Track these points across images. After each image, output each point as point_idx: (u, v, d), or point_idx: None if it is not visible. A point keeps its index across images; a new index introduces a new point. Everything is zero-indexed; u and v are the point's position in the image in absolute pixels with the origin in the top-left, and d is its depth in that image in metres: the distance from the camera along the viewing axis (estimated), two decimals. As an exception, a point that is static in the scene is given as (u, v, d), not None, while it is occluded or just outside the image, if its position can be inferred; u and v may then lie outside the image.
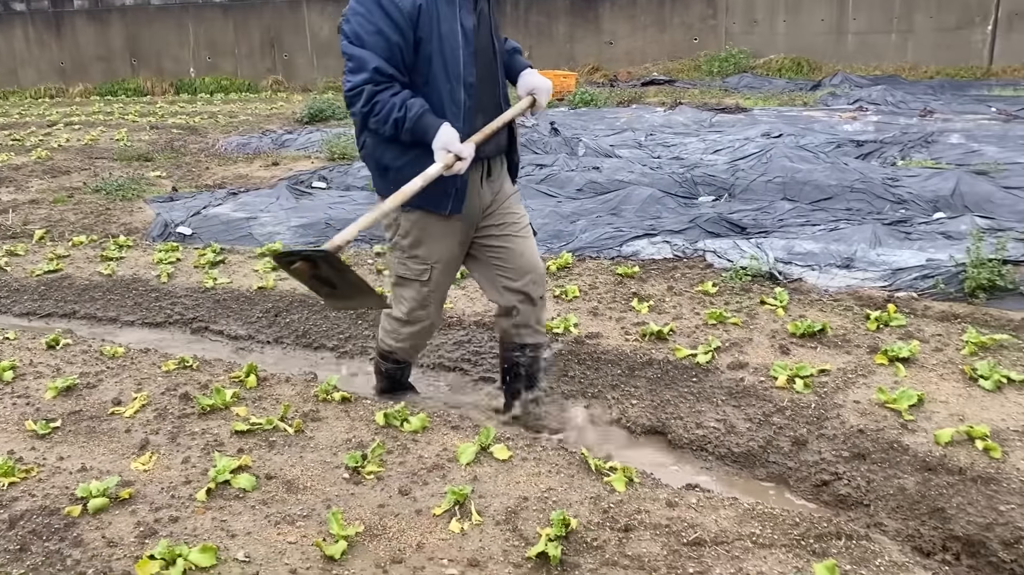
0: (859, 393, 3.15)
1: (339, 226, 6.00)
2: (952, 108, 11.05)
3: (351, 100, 2.85)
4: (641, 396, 3.59)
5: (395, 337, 3.30)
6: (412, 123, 2.78)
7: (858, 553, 2.25)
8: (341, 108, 12.88)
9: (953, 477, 2.69)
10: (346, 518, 2.45)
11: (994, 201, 5.95)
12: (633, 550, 2.29)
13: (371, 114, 2.82)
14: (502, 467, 2.73)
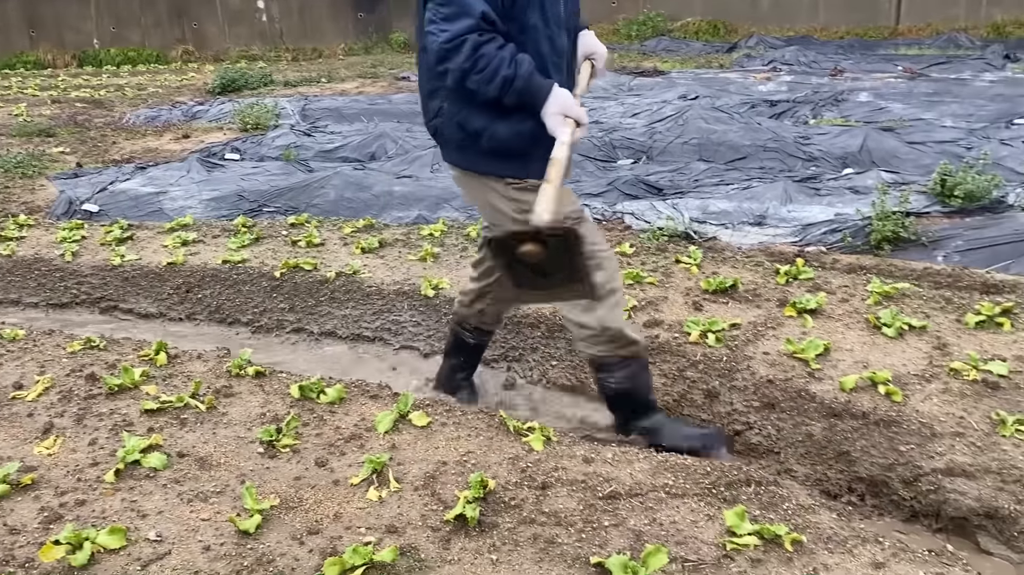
0: (768, 345, 3.24)
1: (253, 198, 5.88)
2: (861, 67, 11.36)
3: (447, 53, 2.41)
4: (561, 357, 3.62)
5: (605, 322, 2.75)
6: (524, 82, 2.41)
7: (767, 498, 2.32)
8: (254, 77, 12.53)
9: (857, 422, 2.80)
10: (261, 492, 2.41)
11: (899, 156, 6.15)
12: (550, 507, 2.31)
13: (473, 70, 2.41)
14: (421, 434, 2.72)
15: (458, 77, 2.45)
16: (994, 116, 7.53)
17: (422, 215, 5.46)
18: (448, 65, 2.43)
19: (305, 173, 6.52)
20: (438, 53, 2.43)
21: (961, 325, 3.33)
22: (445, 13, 2.40)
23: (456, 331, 3.25)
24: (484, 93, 2.45)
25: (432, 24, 2.43)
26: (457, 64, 2.41)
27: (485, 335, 3.26)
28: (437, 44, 2.42)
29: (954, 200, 4.74)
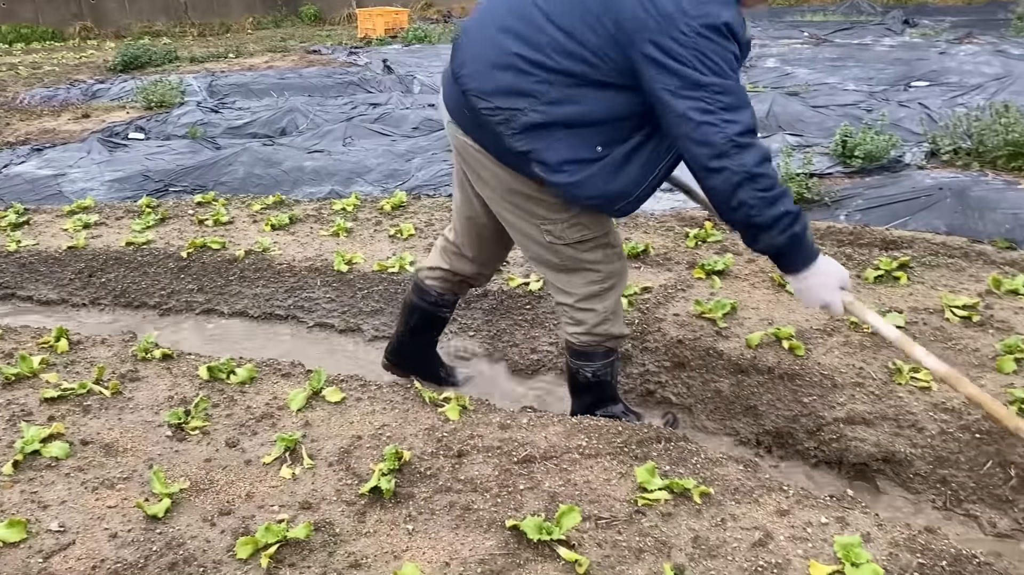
0: (679, 306, 3.31)
1: (158, 178, 5.69)
2: (769, 34, 11.61)
3: (734, 150, 2.06)
4: (478, 327, 3.63)
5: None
6: (801, 228, 2.13)
7: (676, 454, 2.38)
8: (159, 54, 12.08)
9: (763, 376, 2.89)
10: (170, 476, 2.35)
11: (804, 120, 6.32)
12: (466, 474, 2.32)
13: (754, 182, 2.06)
14: (335, 410, 2.69)
15: (732, 183, 2.08)
16: (893, 79, 7.80)
17: (335, 190, 5.38)
18: (728, 163, 2.06)
19: (213, 151, 6.34)
20: (720, 147, 2.06)
21: (861, 280, 3.45)
22: (726, 103, 2.07)
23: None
24: (744, 211, 2.11)
25: (708, 114, 2.06)
26: (743, 165, 2.05)
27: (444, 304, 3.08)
28: (725, 137, 2.05)
29: (855, 161, 4.90)
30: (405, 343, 3.13)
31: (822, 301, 2.27)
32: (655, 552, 2.01)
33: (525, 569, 1.98)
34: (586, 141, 2.28)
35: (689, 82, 2.07)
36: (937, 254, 3.78)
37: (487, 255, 2.89)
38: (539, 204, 2.45)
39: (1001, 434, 2.51)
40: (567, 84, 2.24)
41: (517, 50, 2.28)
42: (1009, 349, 2.83)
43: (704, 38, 2.07)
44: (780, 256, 2.22)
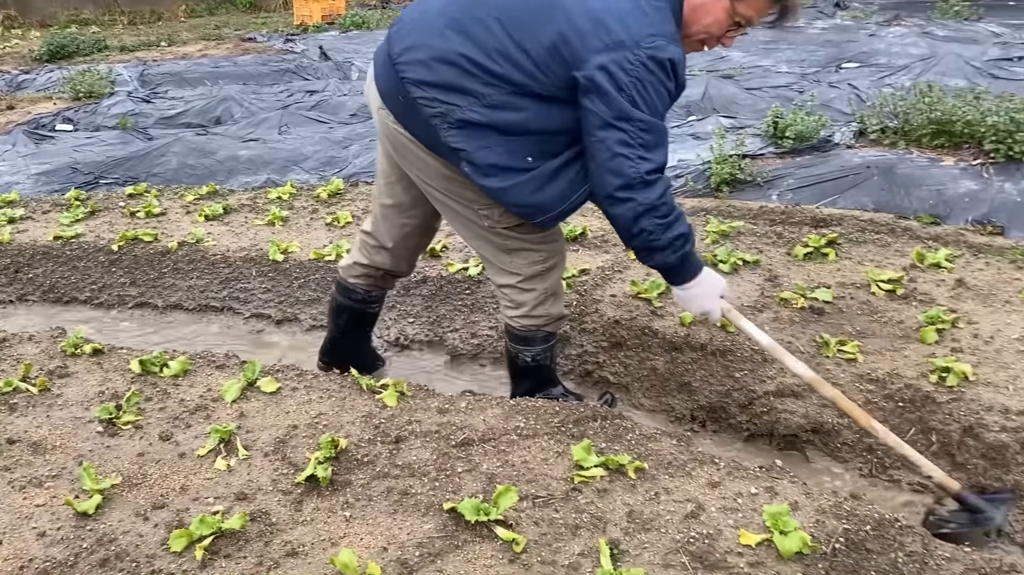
0: (616, 287, 3.35)
1: (88, 170, 5.55)
2: (705, 18, 11.71)
3: (641, 185, 2.20)
4: (418, 314, 3.62)
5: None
6: (691, 246, 2.34)
7: (612, 431, 2.42)
8: (87, 43, 11.71)
9: (696, 353, 2.94)
10: (101, 472, 2.31)
11: (738, 102, 6.42)
12: (404, 459, 2.33)
13: (655, 212, 2.22)
14: (271, 400, 2.66)
15: (637, 212, 2.23)
16: (824, 61, 7.96)
17: (271, 179, 5.30)
18: (634, 195, 2.21)
19: (145, 141, 6.19)
20: (630, 180, 2.19)
21: (791, 258, 3.54)
22: (646, 140, 2.19)
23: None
24: (643, 237, 2.27)
25: (627, 147, 2.18)
26: (647, 200, 2.21)
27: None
28: (637, 173, 2.19)
29: (786, 141, 4.99)
30: (338, 343, 3.09)
31: (703, 308, 2.45)
32: (591, 528, 2.04)
33: (463, 550, 1.99)
34: (518, 150, 2.31)
35: (620, 113, 2.16)
36: (864, 230, 3.89)
37: (408, 246, 2.87)
38: (473, 190, 2.45)
39: (923, 402, 2.60)
40: (509, 91, 2.26)
41: (464, 50, 2.28)
42: (931, 320, 2.93)
43: (648, 70, 2.15)
44: (670, 271, 2.39)
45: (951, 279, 3.27)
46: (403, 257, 2.89)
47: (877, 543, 1.97)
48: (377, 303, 3.03)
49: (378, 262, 2.87)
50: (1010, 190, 4.16)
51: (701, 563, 1.92)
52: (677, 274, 2.39)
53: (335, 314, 3.04)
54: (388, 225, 2.80)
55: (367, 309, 3.02)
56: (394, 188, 2.72)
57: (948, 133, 4.70)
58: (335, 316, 3.04)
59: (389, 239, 2.82)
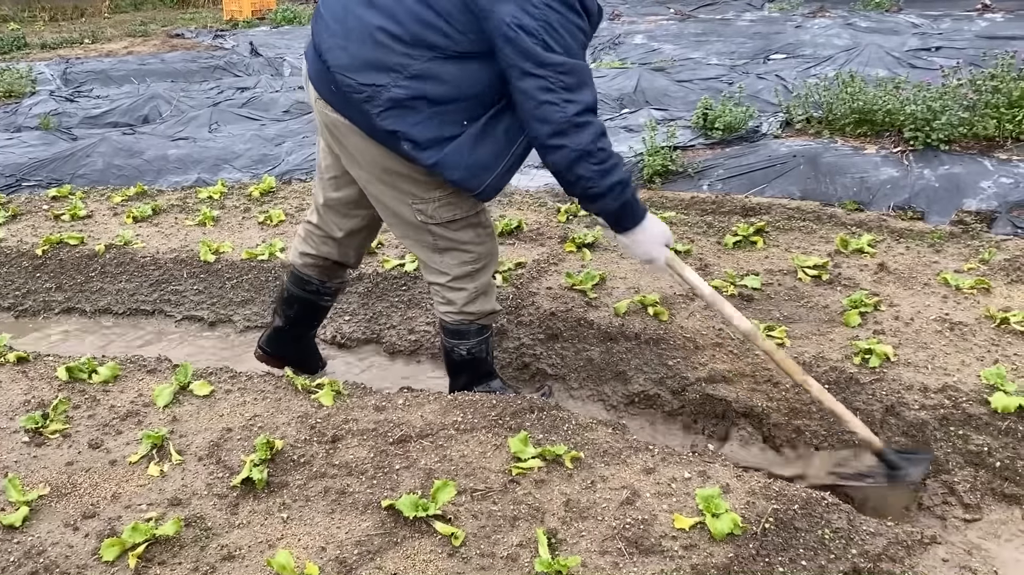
0: (551, 280, 3.38)
1: (8, 172, 5.38)
2: (637, 11, 11.86)
3: (572, 129, 2.16)
4: (354, 311, 3.60)
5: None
6: (631, 194, 2.29)
7: (549, 422, 2.45)
8: (5, 40, 11.32)
9: (631, 343, 2.99)
10: (28, 483, 2.25)
11: (669, 94, 6.51)
12: (341, 458, 2.32)
13: (591, 158, 2.19)
14: (204, 403, 2.63)
15: (570, 159, 2.20)
16: (753, 53, 8.13)
17: (201, 178, 5.20)
18: (566, 141, 2.17)
19: (69, 142, 6.01)
20: (559, 126, 2.16)
21: (721, 246, 3.62)
22: (568, 83, 2.15)
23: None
24: (582, 184, 2.25)
25: (550, 93, 2.15)
26: (579, 145, 2.17)
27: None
28: (564, 117, 2.16)
29: (715, 132, 5.09)
30: (284, 333, 3.04)
31: (647, 255, 2.43)
32: (529, 519, 2.07)
33: (402, 547, 2.00)
34: (452, 117, 2.31)
35: (535, 61, 2.15)
36: (792, 218, 3.99)
37: (356, 238, 2.85)
38: (411, 182, 2.45)
39: (847, 383, 2.69)
40: (429, 58, 2.25)
41: (379, 23, 2.27)
42: (854, 304, 3.03)
43: (552, 10, 2.15)
44: (612, 217, 2.36)
45: (873, 263, 3.38)
46: (351, 247, 2.87)
47: (805, 521, 2.03)
48: (331, 297, 3.00)
49: (325, 252, 2.85)
50: (929, 176, 4.31)
51: (637, 548, 1.96)
52: (620, 221, 2.36)
53: (285, 304, 2.99)
54: (335, 216, 2.77)
55: (320, 301, 2.99)
56: (339, 182, 2.69)
57: (870, 122, 4.85)
58: (285, 306, 2.99)
59: (338, 230, 2.79)
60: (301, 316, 3.01)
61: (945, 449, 2.51)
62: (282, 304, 3.01)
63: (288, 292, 2.97)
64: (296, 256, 2.93)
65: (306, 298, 2.96)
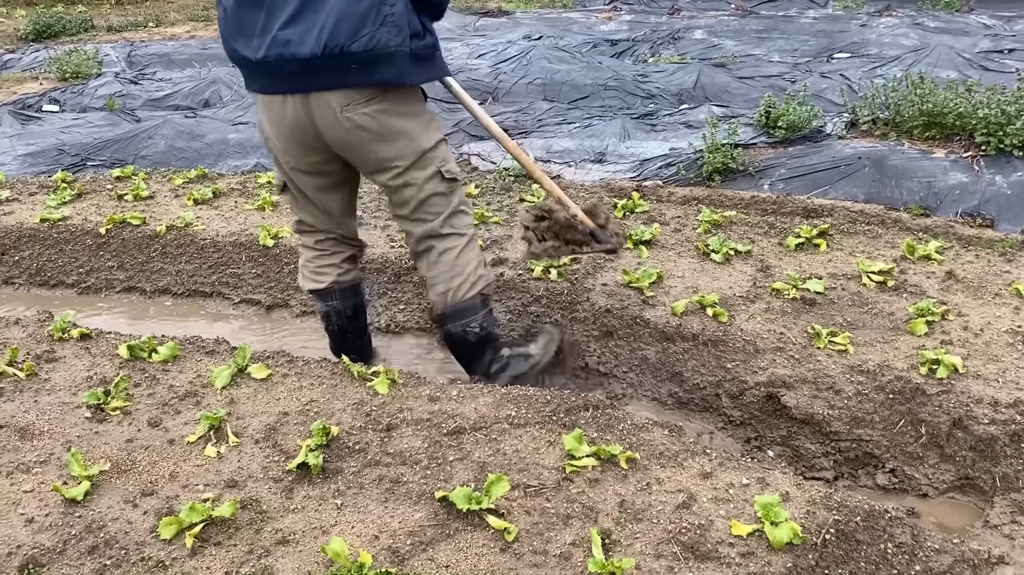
0: (607, 276, 3.34)
1: (75, 151, 5.49)
2: (697, 6, 11.69)
3: None
4: (409, 301, 3.61)
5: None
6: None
7: (604, 421, 2.41)
8: (73, 22, 11.59)
9: (688, 343, 2.94)
10: (90, 458, 2.29)
11: (730, 91, 6.41)
12: (396, 447, 2.32)
13: None
14: (261, 386, 2.65)
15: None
16: (816, 51, 7.96)
17: (260, 163, 5.26)
18: None
19: (132, 123, 6.13)
20: None
21: (783, 248, 3.54)
22: None
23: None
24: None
25: None
26: None
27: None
28: None
29: (778, 131, 4.99)
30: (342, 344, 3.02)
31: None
32: (582, 517, 2.04)
33: (455, 539, 1.99)
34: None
35: None
36: (855, 221, 3.89)
37: (350, 208, 2.85)
38: (399, 114, 2.50)
39: (912, 394, 2.61)
40: None
41: None
42: (921, 312, 2.94)
43: None
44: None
45: (941, 271, 3.28)
46: (348, 217, 2.86)
47: (867, 534, 1.98)
48: (353, 295, 2.97)
49: (337, 249, 2.87)
50: (1000, 183, 4.18)
51: (692, 553, 1.93)
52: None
53: (327, 321, 2.99)
54: (327, 198, 2.75)
55: (362, 296, 3.01)
56: (324, 168, 2.66)
57: (939, 125, 4.71)
58: (328, 324, 3.00)
59: (336, 208, 2.78)
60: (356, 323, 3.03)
61: (1015, 466, 2.42)
62: (325, 322, 2.99)
63: (323, 311, 2.96)
64: (329, 282, 2.88)
65: (359, 302, 2.98)
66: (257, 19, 2.40)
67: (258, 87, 2.53)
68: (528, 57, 7.64)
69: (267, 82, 2.48)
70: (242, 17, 2.43)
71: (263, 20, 2.39)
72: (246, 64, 2.48)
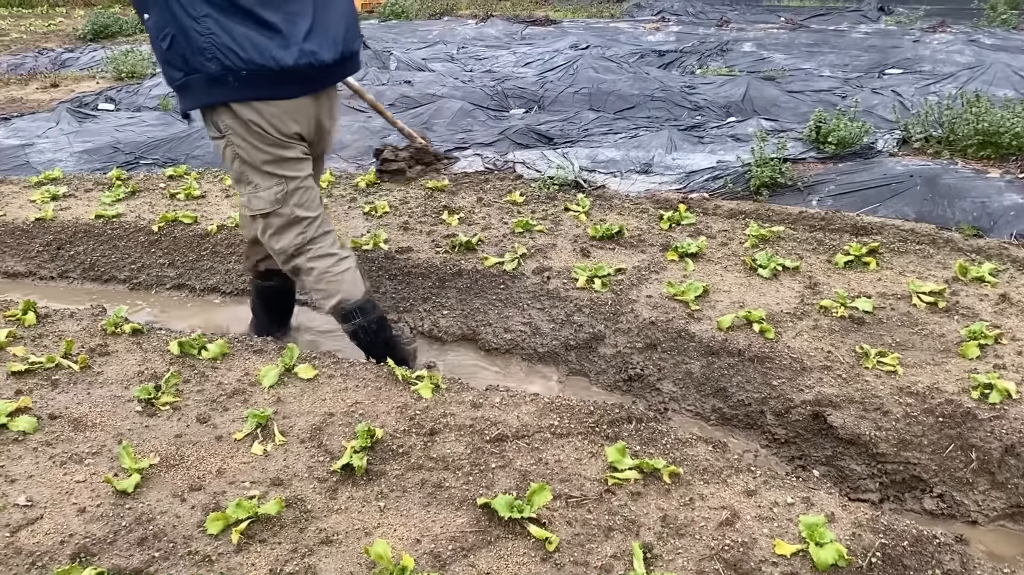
0: (652, 288, 3.33)
1: (129, 150, 5.61)
2: (746, 18, 11.63)
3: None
4: (452, 306, 3.63)
5: None
6: None
7: (647, 434, 2.41)
8: (129, 23, 11.87)
9: (733, 359, 2.92)
10: (140, 451, 2.34)
11: (779, 105, 6.35)
12: (438, 452, 2.33)
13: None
14: (307, 386, 2.68)
15: None
16: (868, 66, 7.86)
17: (309, 166, 5.32)
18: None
19: (185, 123, 6.23)
20: None
21: (831, 265, 3.50)
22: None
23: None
24: None
25: None
26: None
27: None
28: None
29: (828, 146, 4.94)
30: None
31: None
32: (624, 530, 2.04)
33: (496, 546, 2.00)
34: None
35: None
36: (906, 240, 3.83)
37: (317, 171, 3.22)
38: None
39: (963, 418, 2.56)
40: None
41: None
42: (973, 335, 2.88)
43: None
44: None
45: (995, 294, 3.22)
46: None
47: (914, 559, 1.94)
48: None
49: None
50: (1058, 205, 4.08)
51: (735, 571, 1.91)
52: None
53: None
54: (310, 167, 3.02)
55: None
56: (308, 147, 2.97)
57: (995, 144, 4.62)
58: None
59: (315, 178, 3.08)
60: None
61: (1069, 497, 2.36)
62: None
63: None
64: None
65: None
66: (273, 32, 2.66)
67: (289, 92, 2.78)
68: (575, 66, 7.65)
69: (300, 86, 2.79)
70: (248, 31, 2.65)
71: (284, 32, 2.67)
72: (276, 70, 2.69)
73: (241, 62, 2.62)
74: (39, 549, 1.98)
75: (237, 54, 2.61)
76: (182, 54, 2.63)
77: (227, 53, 2.60)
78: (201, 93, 2.72)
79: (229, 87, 2.66)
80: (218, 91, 2.68)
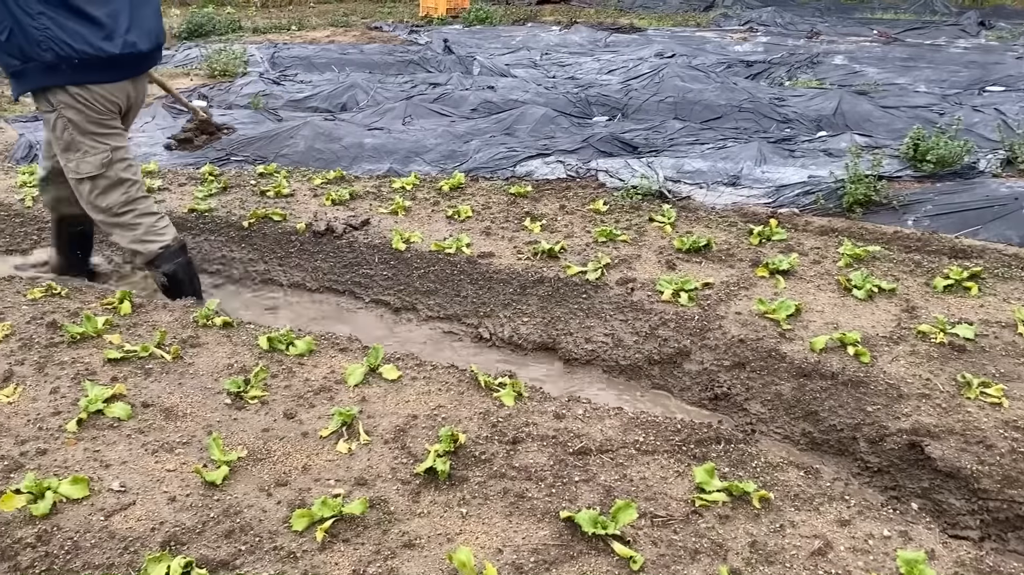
0: (740, 305, 3.24)
1: (220, 147, 5.75)
2: (837, 30, 11.34)
3: None
4: (532, 314, 3.60)
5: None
6: None
7: (736, 456, 2.34)
8: (222, 23, 12.24)
9: (826, 382, 2.82)
10: (228, 443, 2.38)
11: (873, 120, 6.16)
12: (521, 461, 2.31)
13: None
14: (391, 387, 2.69)
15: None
16: (967, 83, 7.57)
17: (393, 168, 5.38)
18: None
19: (274, 122, 6.38)
20: None
21: (929, 289, 3.36)
22: None
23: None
24: None
25: None
26: None
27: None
28: None
29: (926, 165, 4.76)
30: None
31: None
32: (711, 554, 1.98)
33: (578, 562, 1.96)
34: None
35: None
36: (1010, 266, 3.66)
37: None
38: None
39: (1075, 457, 2.42)
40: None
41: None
42: (1086, 369, 2.72)
43: None
44: None
45: (1109, 326, 3.04)
46: None
47: (1023, 606, 1.84)
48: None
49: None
50: None
51: (829, 605, 1.83)
52: None
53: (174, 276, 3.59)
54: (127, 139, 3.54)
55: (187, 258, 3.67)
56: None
57: (1108, 168, 4.38)
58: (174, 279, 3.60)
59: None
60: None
61: None
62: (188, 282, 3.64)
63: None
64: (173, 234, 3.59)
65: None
66: (99, 27, 3.15)
67: (113, 76, 3.28)
68: (660, 75, 7.57)
69: (123, 71, 3.32)
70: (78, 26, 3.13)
71: (108, 27, 3.18)
72: (104, 58, 3.19)
73: (74, 52, 3.11)
74: (131, 534, 2.02)
75: (71, 45, 3.10)
76: (19, 45, 3.08)
77: (61, 45, 3.08)
78: (37, 78, 3.18)
79: (62, 73, 3.15)
80: (53, 76, 3.16)
